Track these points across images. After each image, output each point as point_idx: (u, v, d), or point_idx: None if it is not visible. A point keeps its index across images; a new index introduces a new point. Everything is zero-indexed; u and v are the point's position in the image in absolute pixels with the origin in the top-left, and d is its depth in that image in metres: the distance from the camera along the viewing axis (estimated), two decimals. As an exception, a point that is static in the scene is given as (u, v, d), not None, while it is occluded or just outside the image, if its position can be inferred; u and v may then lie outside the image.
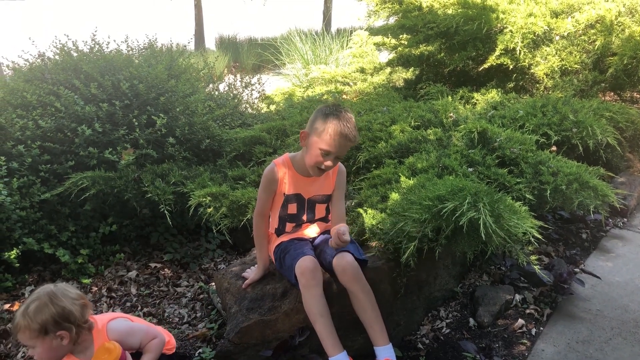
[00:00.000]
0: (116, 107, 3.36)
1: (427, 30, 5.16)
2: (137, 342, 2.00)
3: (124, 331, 1.99)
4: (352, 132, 2.12)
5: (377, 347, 2.14)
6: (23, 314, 1.80)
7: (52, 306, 1.81)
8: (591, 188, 2.79)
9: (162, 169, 3.33)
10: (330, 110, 2.15)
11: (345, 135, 2.10)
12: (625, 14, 4.97)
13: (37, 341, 1.80)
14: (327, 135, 2.10)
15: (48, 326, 1.79)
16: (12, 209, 2.86)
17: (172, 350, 2.20)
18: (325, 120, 2.11)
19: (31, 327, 1.78)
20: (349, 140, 2.12)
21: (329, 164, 2.14)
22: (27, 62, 3.85)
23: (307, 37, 9.95)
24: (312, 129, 2.15)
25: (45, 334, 1.80)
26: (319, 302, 2.09)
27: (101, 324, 1.96)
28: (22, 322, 1.79)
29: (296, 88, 6.60)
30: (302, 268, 2.10)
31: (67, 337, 1.83)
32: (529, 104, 3.95)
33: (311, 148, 2.15)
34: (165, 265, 3.33)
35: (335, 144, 2.10)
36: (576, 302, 2.74)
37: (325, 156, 2.13)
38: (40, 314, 1.79)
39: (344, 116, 2.12)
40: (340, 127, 2.09)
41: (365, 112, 4.09)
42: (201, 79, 4.60)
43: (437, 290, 2.71)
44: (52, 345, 1.83)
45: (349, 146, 2.17)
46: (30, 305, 1.81)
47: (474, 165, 2.96)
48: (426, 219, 2.15)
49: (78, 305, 1.87)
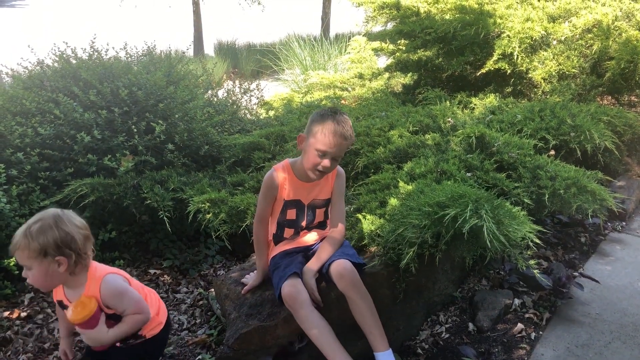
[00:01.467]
0: (115, 114, 3.36)
1: (425, 36, 5.18)
2: (122, 308, 1.88)
3: (116, 290, 1.88)
4: (348, 131, 2.14)
5: (378, 353, 2.13)
6: (25, 233, 1.74)
7: (55, 229, 1.75)
8: (589, 192, 2.80)
9: (161, 175, 3.34)
10: (325, 112, 2.18)
11: (340, 133, 2.11)
12: (622, 18, 4.99)
13: (34, 262, 1.75)
14: (322, 135, 2.12)
15: (48, 249, 1.74)
16: (11, 217, 2.86)
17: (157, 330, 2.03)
18: (321, 122, 2.14)
19: (31, 247, 1.72)
20: (345, 138, 2.14)
21: (327, 165, 2.15)
22: (26, 70, 3.86)
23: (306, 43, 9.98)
24: (309, 131, 2.18)
25: (44, 257, 1.74)
26: (308, 320, 2.09)
27: (100, 273, 1.88)
28: (22, 240, 1.73)
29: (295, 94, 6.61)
30: (285, 296, 2.12)
31: (64, 264, 1.77)
32: (526, 109, 3.96)
33: (308, 150, 2.17)
34: (164, 271, 3.33)
35: (331, 143, 2.11)
36: (575, 306, 2.75)
37: (322, 157, 2.14)
38: (42, 235, 1.73)
39: (339, 116, 2.15)
40: (335, 126, 2.11)
41: (364, 118, 4.10)
42: (200, 85, 4.61)
43: (436, 295, 2.71)
44: (48, 270, 1.77)
45: (346, 146, 2.18)
46: (33, 225, 1.75)
47: (472, 170, 2.97)
48: (426, 225, 2.15)
49: (81, 235, 1.82)
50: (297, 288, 2.12)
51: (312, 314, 2.10)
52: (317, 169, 2.17)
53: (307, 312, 2.09)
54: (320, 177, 2.22)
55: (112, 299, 1.85)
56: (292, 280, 2.14)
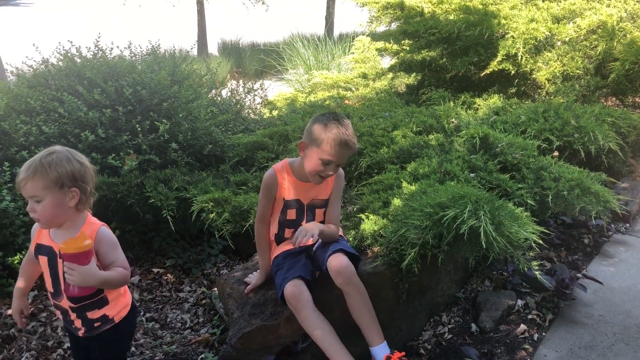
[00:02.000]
0: (119, 113, 3.37)
1: (429, 36, 5.17)
2: (112, 259, 1.80)
3: (112, 239, 1.83)
4: (352, 140, 2.13)
5: (374, 347, 2.16)
6: (41, 163, 1.68)
7: (73, 161, 1.73)
8: (593, 194, 2.80)
9: (165, 174, 3.35)
10: (329, 119, 2.13)
11: (345, 143, 2.10)
12: (626, 19, 4.98)
13: (48, 193, 1.69)
14: (327, 146, 2.09)
15: (65, 179, 1.70)
16: (15, 215, 2.87)
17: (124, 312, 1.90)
18: (325, 130, 2.10)
19: (49, 176, 1.67)
20: (349, 148, 2.14)
21: (330, 172, 2.16)
22: (30, 68, 3.88)
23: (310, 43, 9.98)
24: (311, 140, 2.14)
25: (60, 187, 1.69)
26: (310, 320, 2.09)
27: (97, 222, 1.84)
28: (39, 169, 1.67)
29: (298, 93, 6.61)
30: (288, 296, 2.12)
31: (77, 197, 1.74)
32: (530, 110, 3.95)
33: (311, 158, 2.15)
34: (167, 270, 3.33)
35: (336, 153, 2.10)
36: (578, 307, 2.74)
37: (326, 165, 2.13)
38: (60, 165, 1.69)
39: (342, 124, 2.12)
40: (341, 137, 2.09)
41: (367, 118, 4.10)
42: (204, 85, 4.62)
43: (439, 296, 2.71)
44: (60, 201, 1.71)
45: (349, 154, 2.19)
46: (48, 156, 1.70)
47: (475, 170, 2.96)
48: (427, 225, 2.15)
49: (92, 170, 1.81)
50: (300, 288, 2.12)
51: (314, 314, 2.10)
52: (319, 175, 2.17)
53: (310, 312, 2.10)
54: (321, 182, 2.23)
55: (105, 246, 1.80)
56: (295, 280, 2.14)
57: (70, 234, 1.75)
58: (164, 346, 2.65)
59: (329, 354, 2.08)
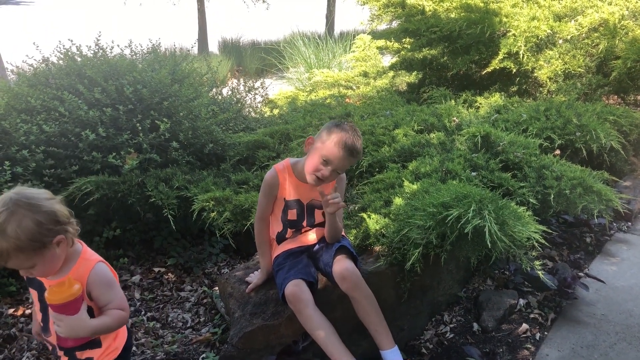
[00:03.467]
0: (120, 112, 3.37)
1: (430, 34, 5.16)
2: (106, 300, 1.64)
3: (106, 279, 1.65)
4: (356, 145, 2.11)
5: (384, 351, 2.14)
6: (2, 237, 1.43)
7: (33, 214, 1.48)
8: (595, 192, 2.79)
9: (166, 173, 3.34)
10: (340, 123, 2.16)
11: (349, 147, 2.08)
12: (628, 17, 4.97)
13: (35, 258, 1.51)
14: (331, 143, 2.09)
15: (42, 237, 1.49)
16: (16, 214, 2.87)
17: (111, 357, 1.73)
18: (336, 131, 2.11)
19: (23, 247, 1.45)
20: (352, 154, 2.11)
21: (326, 174, 2.11)
22: (31, 67, 3.87)
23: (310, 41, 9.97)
24: (319, 137, 2.16)
25: (43, 247, 1.50)
26: (311, 320, 2.08)
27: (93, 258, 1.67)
28: (5, 245, 1.44)
29: (299, 92, 6.60)
30: (288, 295, 2.11)
31: (64, 240, 1.55)
32: (532, 108, 3.94)
33: (314, 154, 2.14)
34: (168, 269, 3.33)
35: (336, 153, 2.08)
36: (580, 306, 2.73)
37: (324, 164, 2.11)
38: (25, 229, 1.45)
39: (354, 132, 2.13)
40: (346, 138, 2.08)
41: (369, 116, 4.09)
42: (204, 83, 4.61)
43: (440, 295, 2.71)
44: (52, 256, 1.54)
45: (351, 162, 2.16)
46: (4, 223, 1.44)
47: (477, 169, 2.96)
48: (430, 225, 2.14)
49: (55, 202, 1.57)
50: (301, 288, 2.12)
51: (315, 313, 2.09)
52: (315, 175, 2.13)
53: (311, 312, 2.09)
54: (317, 183, 2.16)
55: (100, 287, 1.63)
56: (295, 280, 2.14)
57: (59, 274, 1.60)
58: (165, 345, 2.64)
59: (329, 354, 2.07)
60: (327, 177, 2.13)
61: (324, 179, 2.13)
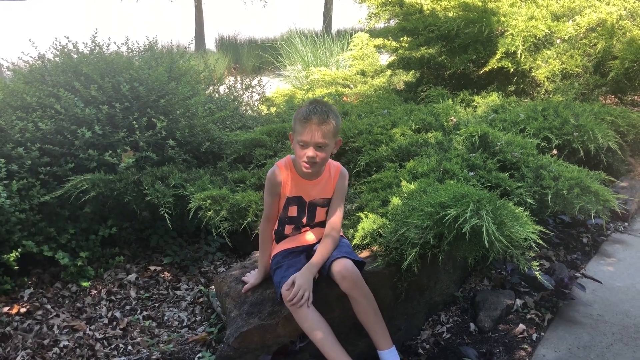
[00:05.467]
0: (116, 110, 3.35)
1: (428, 33, 5.15)
2: None
3: None
4: (317, 110, 2.08)
5: (382, 351, 2.14)
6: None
7: None
8: (592, 193, 2.78)
9: (162, 171, 3.32)
10: (303, 104, 2.18)
11: (309, 115, 2.07)
12: (626, 17, 4.97)
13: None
14: (299, 126, 2.11)
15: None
16: (11, 212, 2.85)
17: None
18: (298, 113, 2.15)
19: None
20: (316, 120, 2.07)
21: (310, 154, 2.10)
22: (27, 64, 3.84)
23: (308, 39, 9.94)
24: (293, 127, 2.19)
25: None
26: (308, 319, 2.07)
27: None
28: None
29: (297, 90, 6.58)
30: (285, 294, 2.10)
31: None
32: (529, 108, 3.94)
33: (294, 145, 2.18)
34: (164, 268, 3.32)
35: (304, 130, 2.08)
36: (577, 307, 2.73)
37: (303, 147, 2.11)
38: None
39: (314, 104, 2.13)
40: (304, 110, 2.10)
41: (366, 115, 4.08)
42: (201, 81, 4.59)
43: (437, 295, 2.70)
44: None
45: (323, 129, 2.09)
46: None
47: (475, 169, 2.95)
48: (428, 225, 2.14)
49: None
50: None
51: (312, 313, 2.09)
52: (303, 161, 2.13)
53: (307, 312, 2.08)
54: (312, 168, 2.15)
55: None
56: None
57: None
58: (161, 345, 2.63)
59: (326, 354, 2.06)
60: (312, 157, 2.11)
61: (311, 160, 2.12)
